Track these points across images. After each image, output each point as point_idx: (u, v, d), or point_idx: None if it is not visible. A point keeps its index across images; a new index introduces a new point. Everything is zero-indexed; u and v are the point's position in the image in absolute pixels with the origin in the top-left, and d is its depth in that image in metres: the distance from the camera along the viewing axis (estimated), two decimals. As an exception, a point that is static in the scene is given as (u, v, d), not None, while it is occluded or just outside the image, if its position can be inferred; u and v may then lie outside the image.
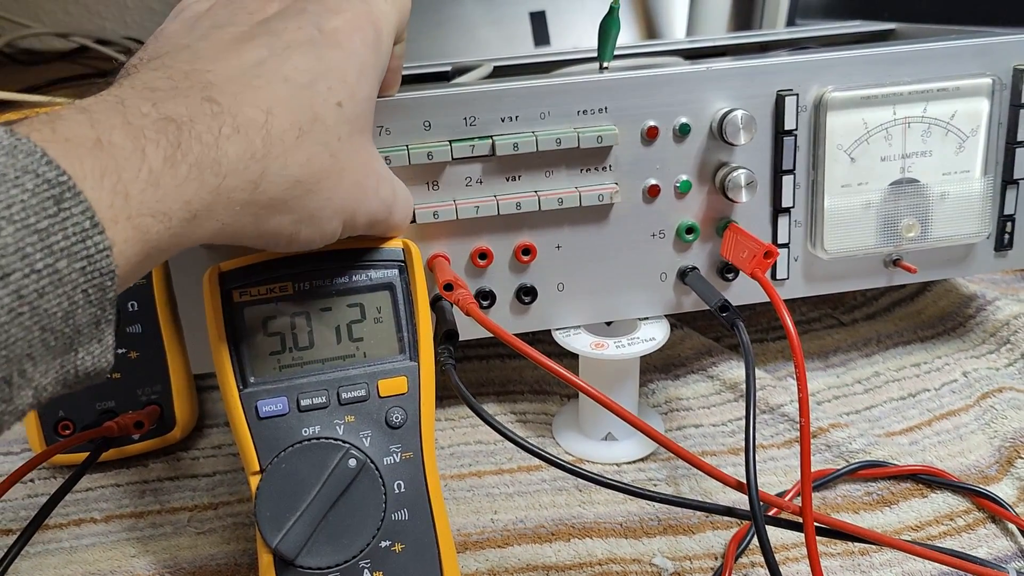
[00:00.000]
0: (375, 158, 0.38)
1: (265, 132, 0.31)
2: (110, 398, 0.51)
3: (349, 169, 0.35)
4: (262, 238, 0.33)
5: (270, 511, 0.38)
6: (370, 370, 0.40)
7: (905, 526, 0.46)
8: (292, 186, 0.32)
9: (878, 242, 0.50)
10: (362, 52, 0.35)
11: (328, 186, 0.34)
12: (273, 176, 0.31)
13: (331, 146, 0.34)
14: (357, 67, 0.35)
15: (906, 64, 0.48)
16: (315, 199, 0.34)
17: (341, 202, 0.35)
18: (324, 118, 0.33)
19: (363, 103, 0.36)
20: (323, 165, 0.33)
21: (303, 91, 0.33)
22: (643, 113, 0.46)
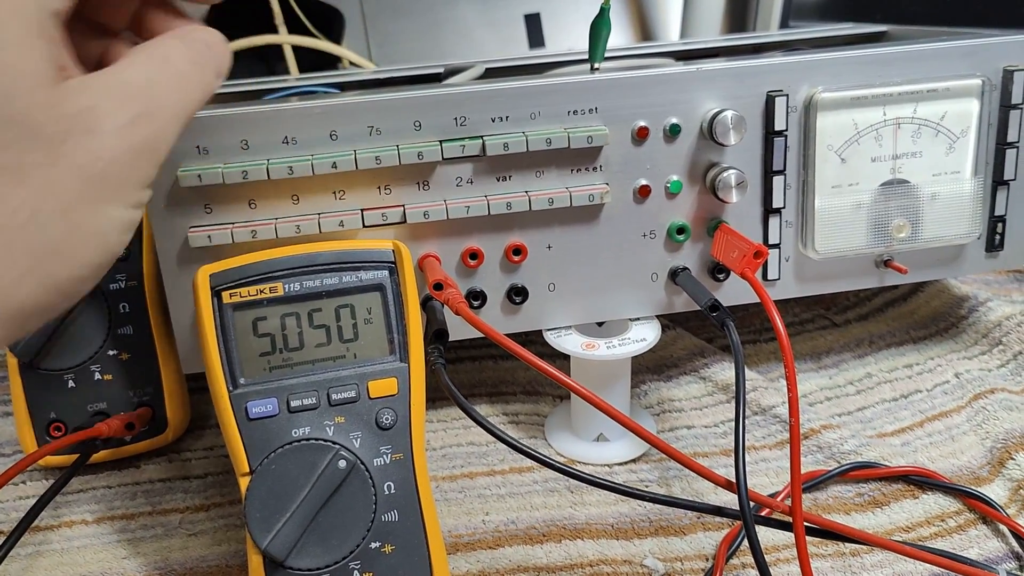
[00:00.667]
0: (60, 104, 0.27)
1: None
2: (102, 399, 0.51)
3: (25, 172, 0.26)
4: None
5: (260, 512, 0.38)
6: (360, 371, 0.40)
7: (896, 527, 0.46)
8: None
9: (869, 243, 0.50)
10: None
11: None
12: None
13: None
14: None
15: (896, 65, 0.48)
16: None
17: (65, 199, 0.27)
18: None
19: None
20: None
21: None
22: (633, 113, 0.46)
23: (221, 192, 0.44)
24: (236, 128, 0.44)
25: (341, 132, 0.44)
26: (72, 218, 0.27)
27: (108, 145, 0.28)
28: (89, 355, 0.50)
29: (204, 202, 0.45)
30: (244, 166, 0.44)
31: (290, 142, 0.44)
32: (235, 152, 0.44)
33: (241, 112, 0.44)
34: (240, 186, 0.44)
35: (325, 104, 0.44)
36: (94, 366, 0.50)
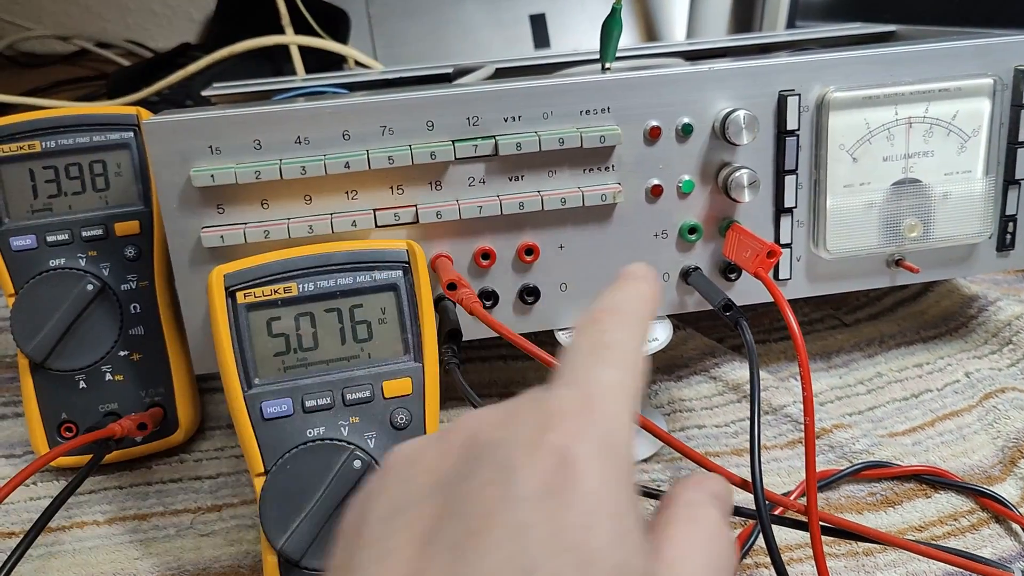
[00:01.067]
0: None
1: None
2: (113, 400, 0.51)
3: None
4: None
5: (275, 512, 0.38)
6: (375, 371, 0.40)
7: (909, 526, 0.46)
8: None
9: (880, 242, 0.50)
10: (591, 480, 0.22)
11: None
12: None
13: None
14: (586, 509, 0.22)
15: (907, 64, 0.48)
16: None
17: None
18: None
19: (621, 547, 0.22)
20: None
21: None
22: (646, 113, 0.46)
23: (234, 192, 0.44)
24: (249, 128, 0.44)
25: (354, 132, 0.44)
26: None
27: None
28: (100, 356, 0.50)
29: (217, 202, 0.45)
30: (257, 166, 0.44)
31: (303, 142, 0.44)
32: (248, 152, 0.44)
33: (254, 112, 0.44)
34: (253, 186, 0.44)
35: (338, 104, 0.44)
36: (105, 367, 0.50)
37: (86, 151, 0.50)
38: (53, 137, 0.49)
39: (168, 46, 1.18)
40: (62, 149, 0.49)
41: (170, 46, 1.16)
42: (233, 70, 0.84)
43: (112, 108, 0.51)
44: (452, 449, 0.24)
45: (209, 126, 0.43)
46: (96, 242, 0.49)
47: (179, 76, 0.84)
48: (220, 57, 0.83)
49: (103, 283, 0.49)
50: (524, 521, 0.21)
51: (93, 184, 0.50)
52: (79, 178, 0.50)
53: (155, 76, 0.87)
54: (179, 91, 0.86)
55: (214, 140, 0.44)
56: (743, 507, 0.40)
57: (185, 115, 0.44)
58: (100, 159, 0.50)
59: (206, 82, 0.75)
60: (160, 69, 0.93)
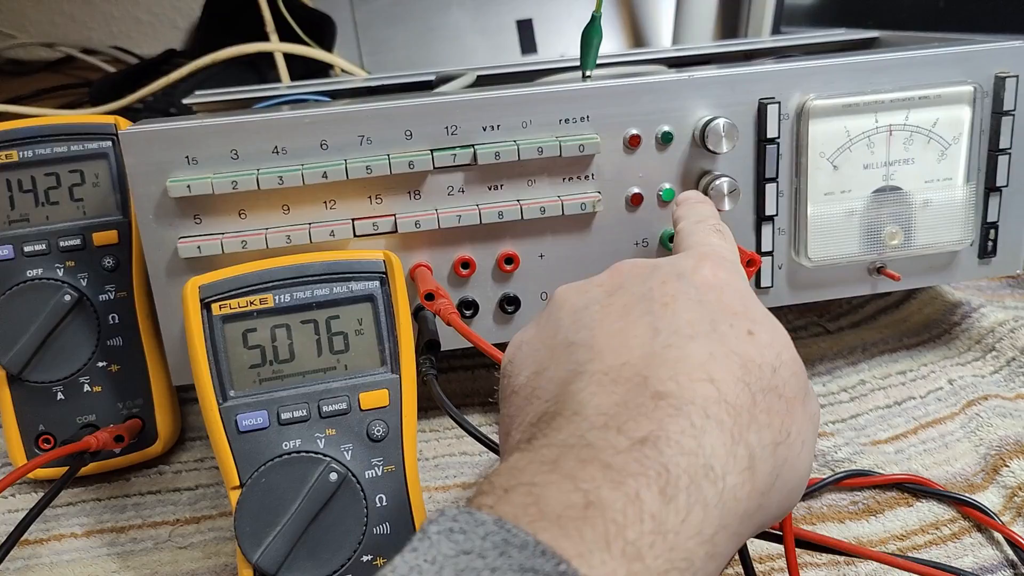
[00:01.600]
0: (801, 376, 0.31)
1: (724, 403, 0.27)
2: (91, 412, 0.50)
3: (801, 409, 0.30)
4: (758, 529, 0.29)
5: (250, 526, 0.37)
6: (351, 383, 0.40)
7: (891, 535, 0.46)
8: (773, 451, 0.27)
9: (862, 250, 0.50)
10: (731, 282, 0.32)
11: (794, 434, 0.29)
12: (758, 451, 0.27)
13: (777, 387, 0.29)
14: (736, 293, 0.31)
15: (888, 72, 0.48)
16: (788, 451, 0.28)
17: (806, 461, 0.30)
18: (750, 357, 0.29)
19: (763, 322, 0.31)
20: (779, 410, 0.28)
21: (713, 341, 0.28)
22: (625, 121, 0.46)
23: (211, 202, 0.44)
24: (225, 138, 0.43)
25: (332, 141, 0.44)
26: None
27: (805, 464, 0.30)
28: (78, 367, 0.49)
29: (194, 212, 0.44)
30: (234, 176, 0.43)
31: (280, 152, 0.44)
32: (225, 162, 0.44)
33: (230, 122, 0.43)
34: (230, 196, 0.44)
35: (315, 114, 0.44)
36: (83, 378, 0.50)
37: (63, 161, 0.49)
38: (30, 147, 0.49)
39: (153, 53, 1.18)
40: (39, 159, 0.49)
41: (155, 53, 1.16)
42: (218, 77, 0.84)
43: (90, 117, 0.50)
44: (618, 272, 0.33)
45: (185, 136, 0.43)
46: (74, 252, 0.49)
47: (162, 83, 0.84)
48: (204, 64, 0.83)
49: (81, 293, 0.49)
50: (700, 299, 0.30)
51: (71, 194, 0.50)
52: (57, 188, 0.49)
53: (138, 83, 0.87)
54: (163, 99, 0.86)
55: (191, 150, 0.43)
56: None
57: (161, 125, 0.43)
58: (78, 169, 0.49)
59: (190, 89, 0.74)
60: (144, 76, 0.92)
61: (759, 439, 0.27)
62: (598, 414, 0.26)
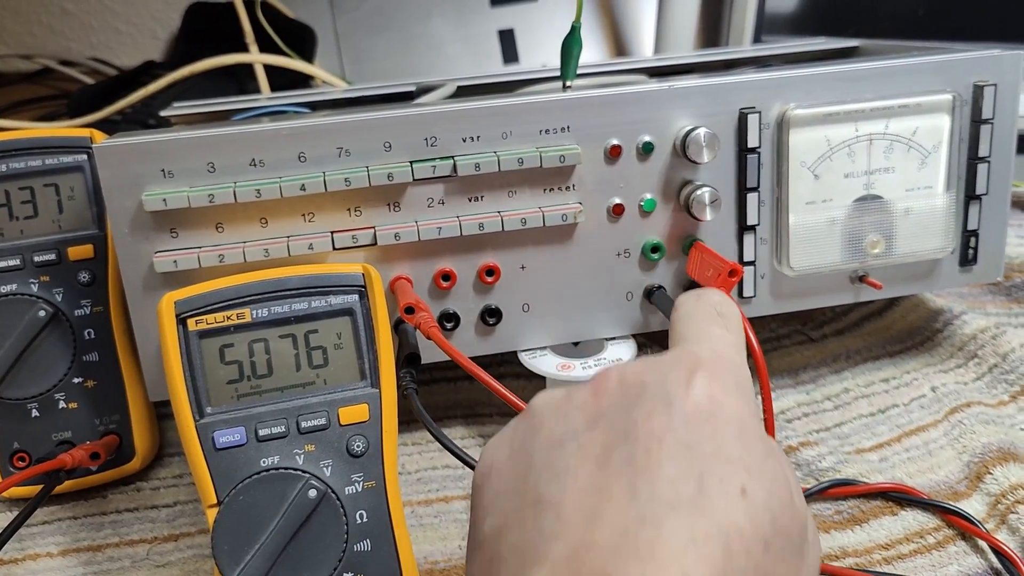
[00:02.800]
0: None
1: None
2: (67, 428, 0.49)
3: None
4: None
5: (228, 544, 0.37)
6: (330, 398, 0.39)
7: (876, 544, 0.46)
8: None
9: (844, 258, 0.50)
10: (732, 409, 0.27)
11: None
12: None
13: (761, 565, 0.24)
14: (736, 429, 0.27)
15: (867, 81, 0.48)
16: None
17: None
18: (736, 528, 0.24)
19: (766, 463, 0.27)
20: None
21: (693, 510, 0.24)
22: (606, 132, 0.46)
23: (187, 216, 0.44)
24: (202, 150, 0.43)
25: (310, 154, 0.44)
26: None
27: None
28: (53, 383, 0.48)
29: (170, 226, 0.44)
30: (210, 189, 0.43)
31: (258, 164, 0.43)
32: (201, 175, 0.43)
33: (207, 134, 0.43)
34: (207, 209, 0.44)
35: (293, 126, 0.43)
36: (59, 394, 0.49)
37: (38, 174, 0.49)
38: (4, 160, 0.48)
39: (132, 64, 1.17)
40: (13, 173, 0.48)
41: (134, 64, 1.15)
42: (197, 88, 0.83)
43: (65, 131, 0.50)
44: (602, 391, 0.28)
45: (161, 149, 0.43)
46: (49, 267, 0.48)
47: (141, 95, 0.83)
48: (183, 75, 0.82)
49: (56, 309, 0.48)
50: (690, 441, 0.25)
51: (46, 208, 0.49)
52: (31, 202, 0.49)
53: (118, 95, 0.86)
54: (142, 110, 0.85)
55: (166, 163, 0.43)
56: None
57: (135, 138, 0.43)
58: (52, 182, 0.49)
59: (169, 101, 0.74)
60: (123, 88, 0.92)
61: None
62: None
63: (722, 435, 0.26)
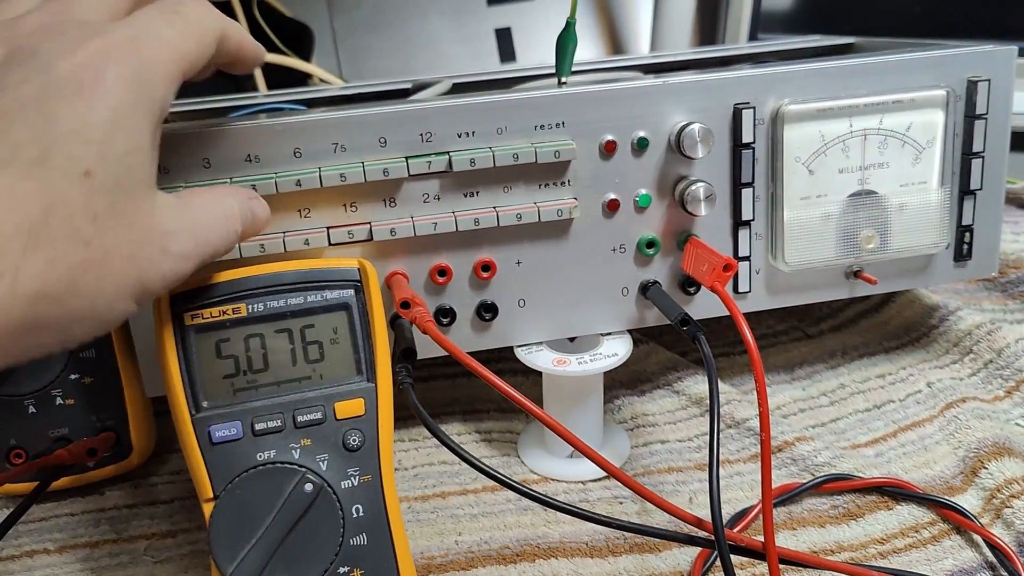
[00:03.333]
0: (157, 213, 0.31)
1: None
2: (64, 425, 0.49)
3: (117, 248, 0.28)
4: (25, 358, 0.27)
5: (224, 539, 0.37)
6: (326, 392, 0.39)
7: (871, 539, 0.46)
8: (35, 302, 0.26)
9: (838, 254, 0.50)
10: (114, 92, 0.28)
11: (89, 281, 0.27)
12: (4, 301, 0.25)
13: (82, 233, 0.27)
14: (107, 116, 0.28)
15: (861, 77, 0.48)
16: (75, 300, 0.27)
17: (116, 286, 0.29)
18: (67, 201, 0.26)
19: (125, 158, 0.28)
20: (73, 261, 0.27)
21: (29, 174, 0.26)
22: (601, 127, 0.46)
23: (183, 212, 0.44)
24: (197, 146, 0.43)
25: (305, 149, 0.44)
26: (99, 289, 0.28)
27: (166, 267, 0.31)
28: (50, 379, 0.49)
29: (166, 222, 0.44)
30: (206, 185, 0.43)
31: (253, 160, 0.43)
32: (197, 170, 0.43)
33: (202, 130, 0.43)
34: (203, 205, 0.43)
35: (288, 121, 0.43)
36: (55, 390, 0.49)
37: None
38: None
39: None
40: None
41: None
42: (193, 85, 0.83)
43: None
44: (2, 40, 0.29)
45: (157, 145, 0.43)
46: (45, 264, 0.48)
47: (139, 93, 0.83)
48: (180, 74, 0.82)
49: (52, 305, 0.48)
50: (53, 113, 0.27)
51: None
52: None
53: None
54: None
55: (162, 158, 0.42)
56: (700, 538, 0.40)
57: (132, 134, 0.43)
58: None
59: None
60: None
61: (13, 290, 0.25)
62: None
63: (87, 114, 0.27)
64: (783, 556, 0.39)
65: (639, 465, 0.52)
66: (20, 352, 0.27)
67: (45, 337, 0.27)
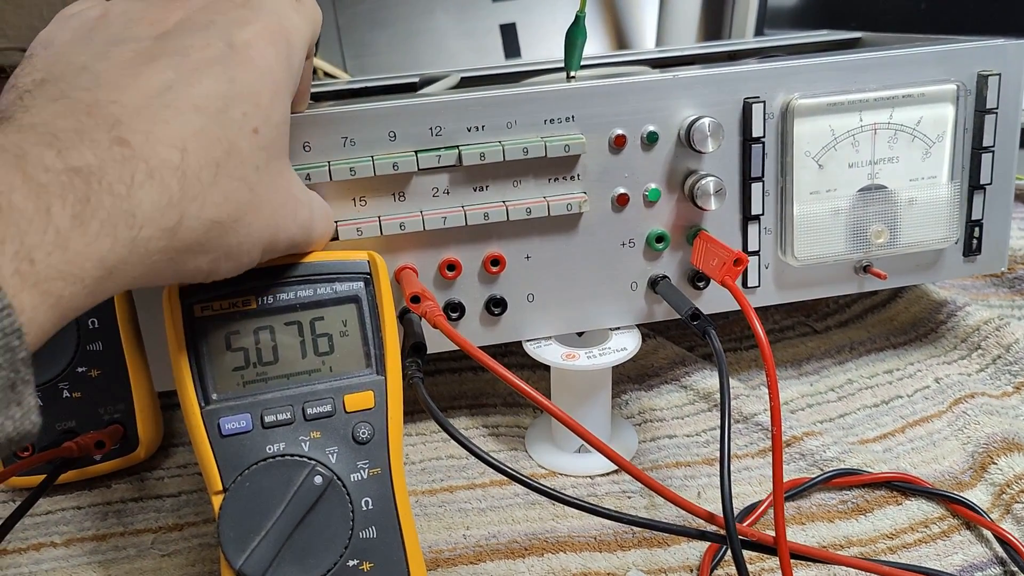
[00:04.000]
0: (293, 182, 0.36)
1: (181, 174, 0.29)
2: (71, 418, 0.49)
3: (267, 200, 0.33)
4: (179, 277, 0.32)
5: (234, 531, 0.37)
6: (336, 385, 0.39)
7: (880, 534, 0.46)
8: (210, 227, 0.31)
9: (848, 248, 0.50)
10: (276, 69, 0.33)
11: (247, 221, 0.32)
12: (191, 220, 0.30)
13: (248, 179, 0.32)
14: (271, 87, 0.33)
15: (872, 71, 0.48)
16: (234, 236, 0.32)
17: (259, 234, 0.33)
18: (240, 149, 0.31)
19: (279, 126, 0.34)
20: (241, 201, 0.32)
21: (217, 120, 0.31)
22: (610, 121, 0.46)
23: (192, 204, 0.44)
24: (207, 139, 0.43)
25: (314, 143, 0.44)
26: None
27: (293, 230, 0.36)
28: (57, 372, 0.49)
29: (175, 215, 0.44)
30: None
31: (262, 153, 0.43)
32: (206, 163, 0.43)
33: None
34: (212, 198, 0.43)
35: (297, 116, 0.43)
36: (63, 383, 0.49)
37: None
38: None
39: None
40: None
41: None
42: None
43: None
44: (176, 8, 0.33)
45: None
46: (53, 257, 0.48)
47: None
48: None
49: (60, 298, 0.48)
50: (232, 76, 0.31)
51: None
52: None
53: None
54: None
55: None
56: (711, 533, 0.40)
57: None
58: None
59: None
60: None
61: (199, 213, 0.30)
62: (47, 130, 0.27)
63: (258, 82, 0.32)
64: (793, 551, 0.39)
65: (647, 460, 0.52)
66: (179, 269, 0.31)
67: (202, 262, 0.32)
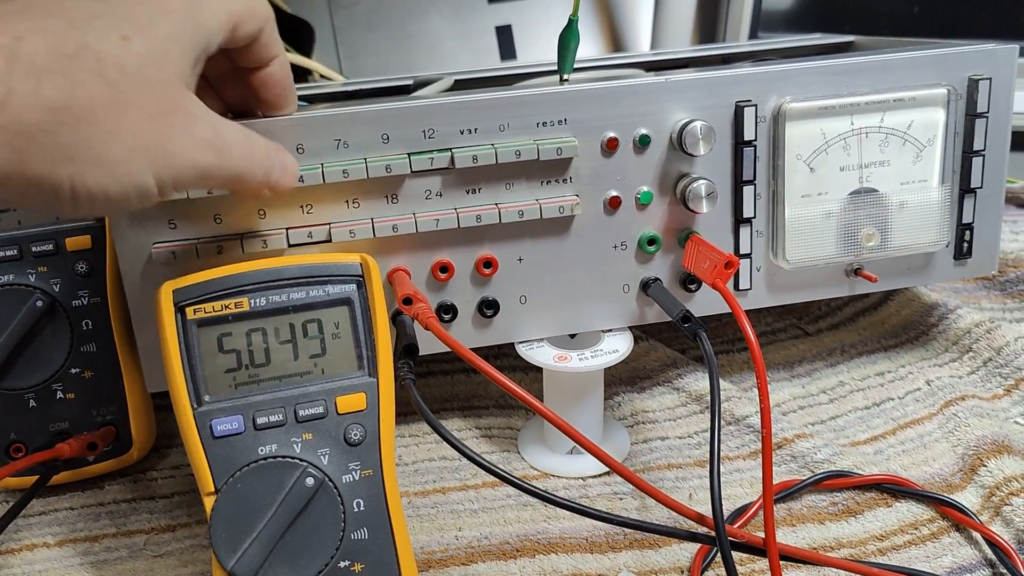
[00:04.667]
0: (185, 97, 0.35)
1: (9, 52, 0.30)
2: (64, 419, 0.49)
3: (137, 102, 0.32)
4: (38, 186, 0.31)
5: (225, 532, 0.37)
6: (328, 387, 0.39)
7: (870, 536, 0.46)
8: (52, 112, 0.30)
9: (839, 251, 0.50)
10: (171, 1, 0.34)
11: (108, 118, 0.31)
12: (24, 96, 0.30)
13: (107, 74, 0.31)
14: (154, 10, 0.34)
15: (863, 75, 0.49)
16: (92, 131, 0.31)
17: (133, 140, 0.32)
18: (97, 49, 0.31)
19: (162, 42, 0.33)
20: (94, 92, 0.31)
21: (72, 23, 0.31)
22: (603, 124, 0.46)
23: (186, 207, 0.44)
24: (200, 141, 0.43)
25: (308, 146, 0.44)
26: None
27: (189, 146, 0.34)
28: (51, 373, 0.49)
29: (168, 217, 0.44)
30: (208, 180, 0.43)
31: (256, 155, 0.43)
32: (199, 166, 0.43)
33: (205, 125, 0.43)
34: (205, 201, 0.44)
35: (291, 118, 0.43)
36: (56, 385, 0.49)
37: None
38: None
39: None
40: None
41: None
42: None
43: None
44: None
45: (159, 139, 0.43)
46: (46, 257, 0.48)
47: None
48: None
49: (53, 299, 0.48)
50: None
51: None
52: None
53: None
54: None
55: (164, 153, 0.43)
56: (701, 534, 0.40)
57: (134, 128, 0.43)
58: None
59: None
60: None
61: (34, 90, 0.30)
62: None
63: (137, 7, 0.33)
64: (783, 552, 0.39)
65: (639, 462, 0.52)
66: (32, 173, 0.30)
67: (62, 170, 0.31)
